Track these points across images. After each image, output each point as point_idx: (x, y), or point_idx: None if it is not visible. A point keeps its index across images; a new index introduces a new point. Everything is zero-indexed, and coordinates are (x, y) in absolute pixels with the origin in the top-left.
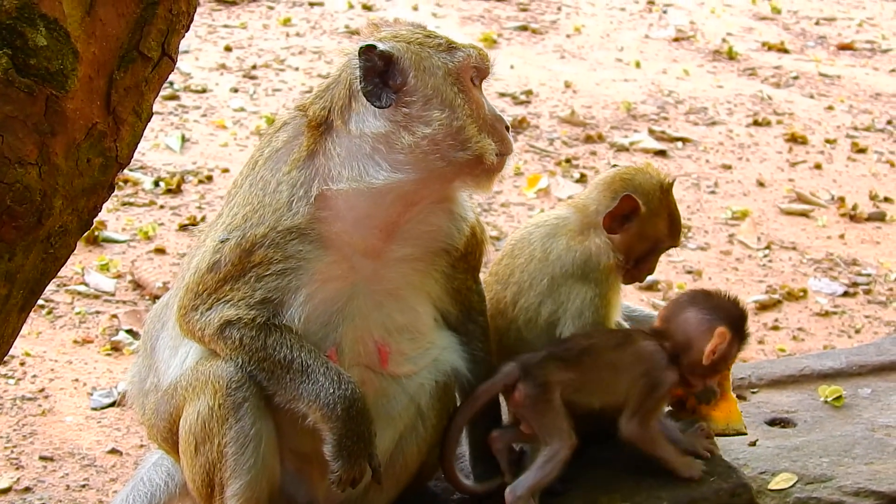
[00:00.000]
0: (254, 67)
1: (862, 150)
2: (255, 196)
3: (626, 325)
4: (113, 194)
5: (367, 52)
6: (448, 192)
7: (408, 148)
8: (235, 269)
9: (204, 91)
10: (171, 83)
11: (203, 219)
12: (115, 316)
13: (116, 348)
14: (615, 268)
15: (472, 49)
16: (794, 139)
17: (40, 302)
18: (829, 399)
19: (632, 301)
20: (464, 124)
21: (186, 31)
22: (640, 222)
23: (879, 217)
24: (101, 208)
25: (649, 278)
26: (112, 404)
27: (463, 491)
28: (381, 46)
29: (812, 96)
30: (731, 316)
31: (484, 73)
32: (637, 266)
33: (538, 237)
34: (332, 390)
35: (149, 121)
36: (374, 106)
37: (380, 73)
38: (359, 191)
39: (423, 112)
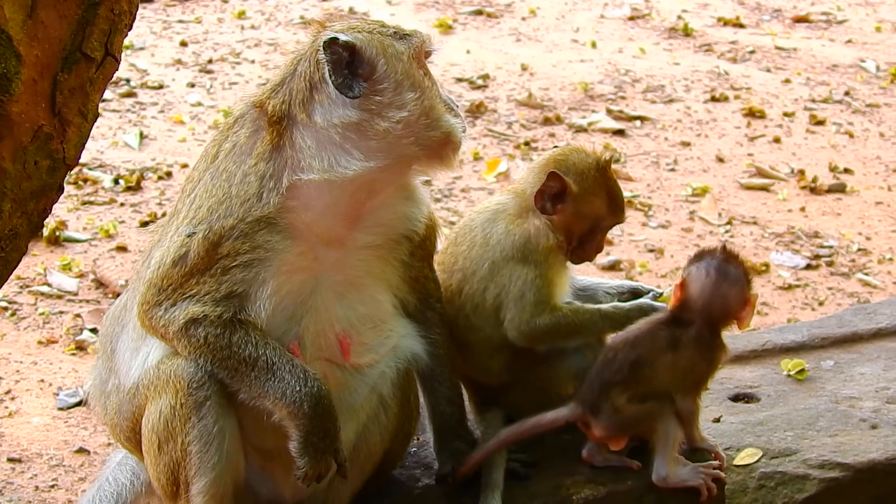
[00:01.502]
0: (210, 62)
1: (820, 122)
2: (219, 188)
3: (577, 302)
4: (73, 193)
5: (331, 45)
6: (410, 176)
7: (381, 133)
8: (203, 263)
9: (161, 87)
10: (128, 80)
11: (163, 215)
12: (78, 315)
13: (81, 347)
14: (555, 248)
15: (421, 34)
16: (752, 114)
17: (3, 304)
18: (792, 372)
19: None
20: (433, 103)
21: (129, 30)
22: (575, 201)
23: (840, 188)
24: (50, 210)
25: (611, 257)
26: (78, 404)
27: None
28: (343, 38)
29: (769, 70)
30: (747, 271)
31: (429, 56)
32: (582, 246)
33: (479, 223)
34: (298, 388)
35: (95, 121)
36: (348, 97)
37: (346, 63)
38: (330, 180)
39: (396, 97)
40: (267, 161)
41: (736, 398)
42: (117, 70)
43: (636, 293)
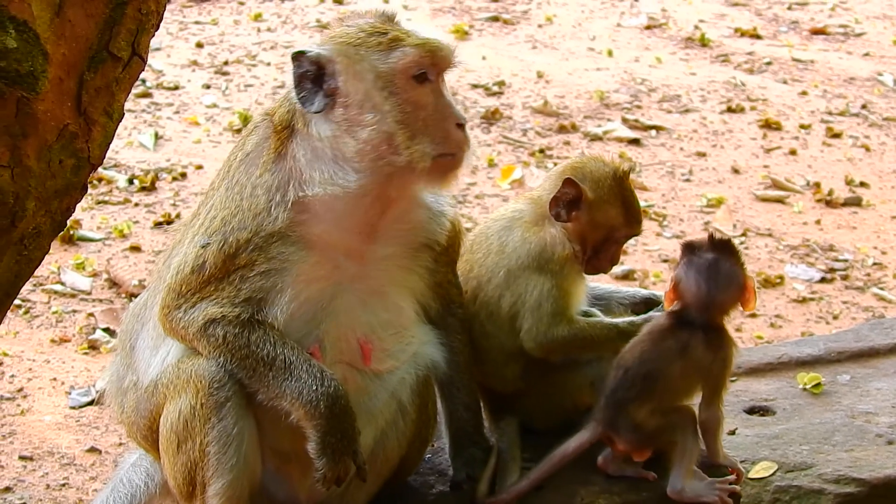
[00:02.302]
0: (225, 63)
1: (837, 135)
2: (232, 200)
3: (595, 311)
4: (87, 193)
5: (297, 58)
6: (417, 190)
7: (355, 152)
8: (220, 272)
9: (176, 88)
10: (144, 81)
11: (178, 216)
12: (91, 314)
13: (94, 347)
14: (571, 258)
15: (416, 47)
16: (769, 125)
17: (17, 302)
18: (807, 386)
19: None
20: (392, 130)
21: (156, 31)
22: (589, 209)
23: (855, 202)
24: (74, 209)
25: (625, 267)
26: (90, 403)
27: None
28: (311, 51)
29: (786, 82)
30: (738, 260)
31: (439, 68)
32: (597, 256)
33: (495, 231)
34: (314, 387)
35: (120, 121)
36: (307, 110)
37: (314, 77)
38: (334, 194)
39: (359, 116)
40: (272, 172)
41: (751, 411)
42: (143, 70)
43: (650, 303)
